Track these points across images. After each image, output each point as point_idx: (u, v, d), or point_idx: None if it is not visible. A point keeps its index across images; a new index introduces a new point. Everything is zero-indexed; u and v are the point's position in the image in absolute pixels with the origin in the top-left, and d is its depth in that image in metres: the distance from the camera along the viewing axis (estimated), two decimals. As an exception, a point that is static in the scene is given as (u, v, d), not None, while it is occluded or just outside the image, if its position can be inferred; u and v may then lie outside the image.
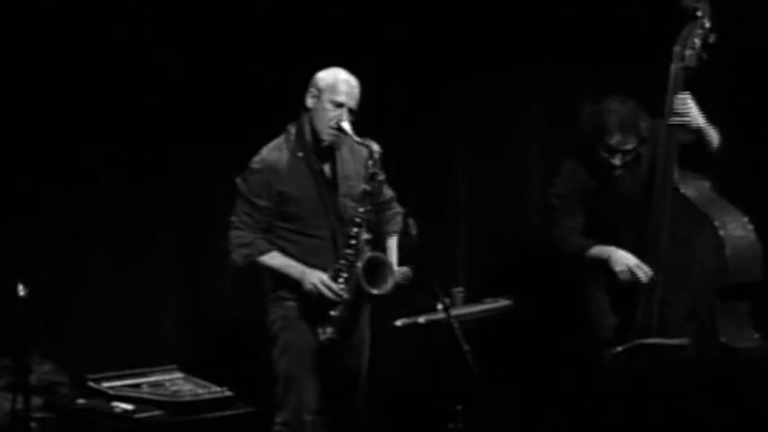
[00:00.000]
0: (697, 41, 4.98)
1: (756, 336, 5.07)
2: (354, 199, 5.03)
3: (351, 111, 5.01)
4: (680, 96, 5.01)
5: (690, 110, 5.02)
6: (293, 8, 6.05)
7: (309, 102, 5.05)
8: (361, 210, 5.00)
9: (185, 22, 5.95)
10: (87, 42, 5.85)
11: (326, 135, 5.02)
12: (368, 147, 4.99)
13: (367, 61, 5.59)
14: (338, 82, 5.01)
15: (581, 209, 5.32)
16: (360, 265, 4.95)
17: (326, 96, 5.01)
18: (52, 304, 5.68)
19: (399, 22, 6.16)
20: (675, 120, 5.03)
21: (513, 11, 6.20)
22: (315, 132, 5.05)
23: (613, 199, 5.28)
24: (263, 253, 5.02)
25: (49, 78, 5.82)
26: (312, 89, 5.04)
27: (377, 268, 5.01)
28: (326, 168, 5.08)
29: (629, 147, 5.19)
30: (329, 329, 5.00)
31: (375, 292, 5.00)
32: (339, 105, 4.98)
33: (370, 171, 5.00)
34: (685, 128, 5.05)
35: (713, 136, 5.08)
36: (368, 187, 5.01)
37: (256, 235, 5.02)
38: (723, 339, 4.98)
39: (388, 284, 5.01)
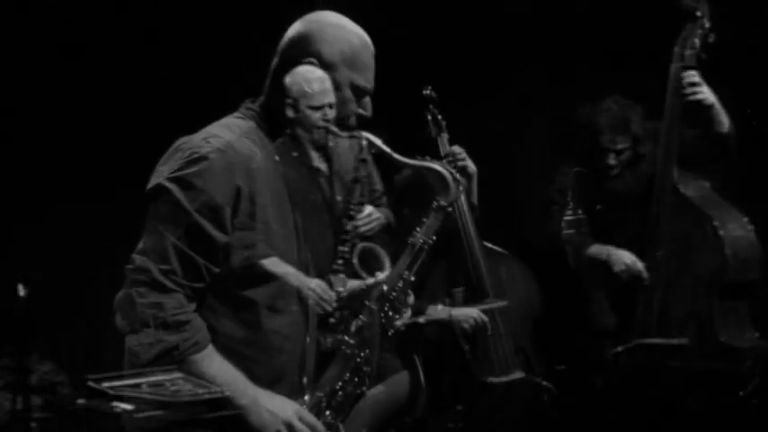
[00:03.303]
0: (697, 41, 4.97)
1: (756, 335, 5.08)
2: (347, 192, 5.01)
3: (331, 106, 4.96)
4: (690, 72, 4.96)
5: (702, 84, 4.97)
6: (292, 8, 6.04)
7: (290, 113, 4.99)
8: (353, 201, 4.98)
9: (185, 21, 5.96)
10: (88, 42, 5.86)
11: (317, 136, 4.99)
12: (356, 137, 4.96)
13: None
14: (309, 83, 4.94)
15: (579, 206, 5.32)
16: (355, 261, 4.93)
17: (303, 104, 4.95)
18: (52, 304, 5.69)
19: (399, 22, 6.16)
20: (689, 91, 4.96)
21: (513, 11, 6.20)
22: (304, 137, 5.01)
23: (614, 199, 5.28)
24: (261, 257, 4.99)
25: (52, 77, 5.83)
26: (287, 99, 4.98)
27: (370, 257, 4.98)
28: (323, 168, 5.07)
29: (621, 146, 5.19)
30: (329, 339, 4.97)
31: (372, 280, 4.98)
32: (318, 108, 4.94)
33: (360, 157, 4.97)
34: (700, 104, 4.97)
35: (724, 116, 5.04)
36: (357, 175, 4.97)
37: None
38: (723, 339, 4.98)
39: (385, 270, 4.98)
